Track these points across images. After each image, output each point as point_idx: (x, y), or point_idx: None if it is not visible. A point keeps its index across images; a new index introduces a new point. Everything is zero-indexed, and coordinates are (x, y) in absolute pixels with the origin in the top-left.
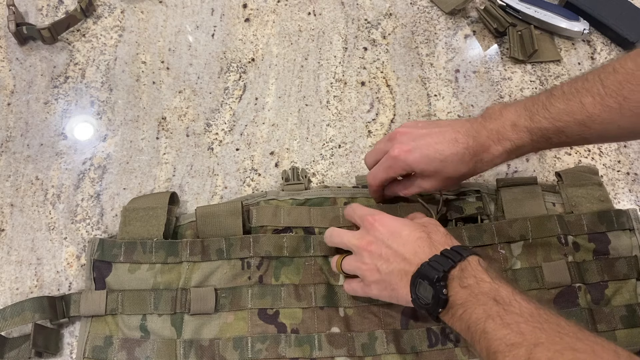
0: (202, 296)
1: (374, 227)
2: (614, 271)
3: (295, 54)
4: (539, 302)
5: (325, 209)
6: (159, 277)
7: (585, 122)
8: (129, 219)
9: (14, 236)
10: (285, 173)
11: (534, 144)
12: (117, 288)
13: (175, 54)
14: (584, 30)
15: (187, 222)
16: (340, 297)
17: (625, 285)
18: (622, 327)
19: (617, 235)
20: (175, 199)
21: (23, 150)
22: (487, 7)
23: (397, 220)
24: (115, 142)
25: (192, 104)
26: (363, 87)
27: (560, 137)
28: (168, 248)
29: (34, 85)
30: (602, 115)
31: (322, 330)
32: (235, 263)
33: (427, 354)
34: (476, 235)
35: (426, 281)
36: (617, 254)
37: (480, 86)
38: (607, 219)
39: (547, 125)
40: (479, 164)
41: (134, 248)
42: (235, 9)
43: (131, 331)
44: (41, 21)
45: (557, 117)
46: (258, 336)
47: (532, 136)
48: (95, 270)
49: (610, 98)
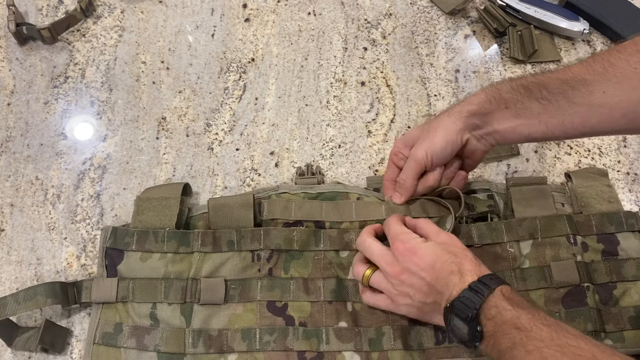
0: (212, 286)
1: (405, 256)
2: (622, 272)
3: (295, 54)
4: (558, 324)
5: (337, 203)
6: (170, 266)
7: (568, 81)
8: (142, 208)
9: (14, 236)
10: (300, 169)
11: (513, 92)
12: (128, 276)
13: (175, 54)
14: (584, 30)
15: (200, 213)
16: (348, 291)
17: (634, 286)
18: (630, 327)
19: (626, 236)
20: (188, 190)
21: (23, 150)
22: (487, 7)
23: (428, 248)
24: (115, 142)
25: (192, 104)
26: (363, 87)
27: (542, 91)
28: (180, 238)
29: (34, 85)
30: (586, 77)
31: (330, 324)
32: (245, 255)
33: (434, 351)
34: (486, 233)
35: (458, 318)
36: (626, 255)
37: (480, 86)
38: (617, 220)
39: (530, 79)
40: (471, 120)
41: (146, 237)
42: (235, 9)
43: (141, 319)
44: (41, 21)
45: (542, 76)
46: (266, 328)
47: (512, 84)
48: (107, 257)
49: (596, 63)
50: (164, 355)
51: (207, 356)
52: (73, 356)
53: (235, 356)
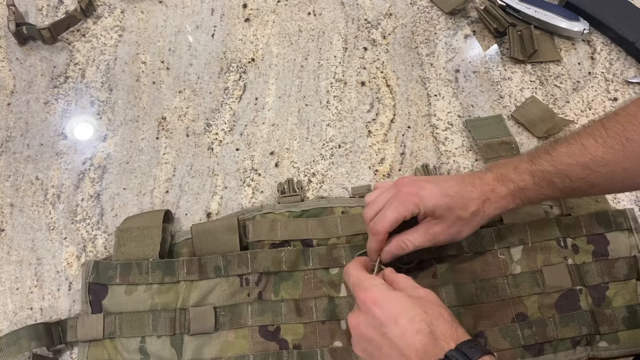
0: (202, 315)
1: (367, 307)
2: (614, 272)
3: (295, 54)
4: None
5: (322, 219)
6: (157, 297)
7: (589, 165)
8: (123, 239)
9: (14, 236)
10: (281, 185)
11: (537, 187)
12: (114, 311)
13: (175, 54)
14: (584, 30)
15: (183, 240)
16: (341, 309)
17: (625, 286)
18: (625, 328)
19: (615, 235)
20: (169, 216)
21: (23, 150)
22: (487, 7)
23: (394, 298)
24: (115, 142)
25: (192, 104)
26: (363, 87)
27: (564, 181)
28: (165, 268)
29: (34, 85)
30: (605, 157)
31: (324, 345)
32: (233, 280)
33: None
34: (475, 241)
35: None
36: (616, 254)
37: (480, 86)
38: (605, 220)
39: (548, 168)
40: (487, 205)
41: (129, 269)
42: (235, 9)
43: (130, 354)
44: (41, 21)
45: (559, 160)
46: (260, 354)
47: (534, 178)
48: (91, 293)
49: (612, 140)
50: None
51: None
52: None
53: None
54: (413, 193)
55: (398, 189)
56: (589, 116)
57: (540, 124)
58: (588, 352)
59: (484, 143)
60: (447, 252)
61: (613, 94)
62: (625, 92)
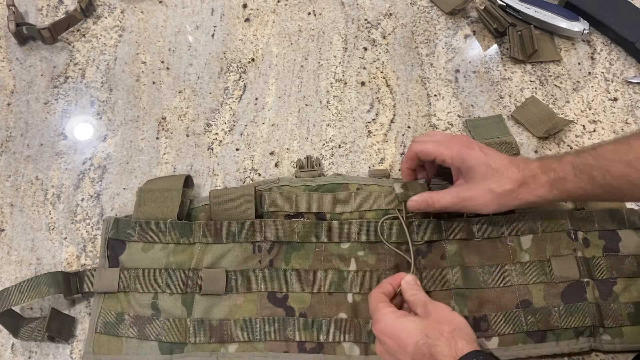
0: (213, 277)
1: (380, 338)
2: (623, 268)
3: (295, 54)
4: None
5: (337, 194)
6: (172, 257)
7: (632, 163)
8: (144, 199)
9: (14, 236)
10: (300, 161)
11: (576, 179)
12: (130, 266)
13: (175, 54)
14: (584, 30)
15: (201, 205)
16: (349, 283)
17: (634, 283)
18: (630, 323)
19: (628, 233)
20: (189, 181)
21: (23, 150)
22: (487, 7)
23: (400, 327)
24: (115, 142)
25: (192, 104)
26: (363, 87)
27: (605, 176)
28: (181, 229)
29: (34, 85)
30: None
31: (329, 315)
32: (246, 246)
33: None
34: (486, 227)
35: None
36: (627, 251)
37: (480, 86)
38: (619, 217)
39: (591, 161)
40: (523, 189)
41: (148, 228)
42: (235, 9)
43: (142, 309)
44: (41, 21)
45: (603, 155)
46: (266, 318)
47: (574, 169)
48: (109, 248)
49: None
50: (165, 345)
51: (207, 345)
52: (73, 356)
53: (236, 346)
54: (463, 145)
55: (455, 137)
56: (589, 116)
57: (540, 124)
58: (590, 343)
59: (484, 143)
60: (457, 236)
61: (613, 94)
62: (625, 92)
